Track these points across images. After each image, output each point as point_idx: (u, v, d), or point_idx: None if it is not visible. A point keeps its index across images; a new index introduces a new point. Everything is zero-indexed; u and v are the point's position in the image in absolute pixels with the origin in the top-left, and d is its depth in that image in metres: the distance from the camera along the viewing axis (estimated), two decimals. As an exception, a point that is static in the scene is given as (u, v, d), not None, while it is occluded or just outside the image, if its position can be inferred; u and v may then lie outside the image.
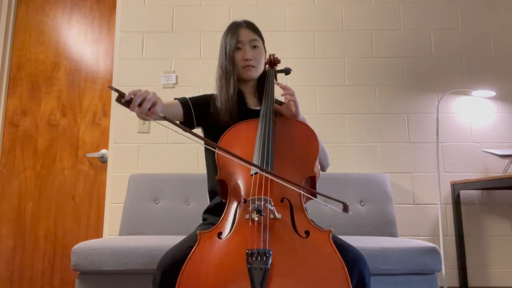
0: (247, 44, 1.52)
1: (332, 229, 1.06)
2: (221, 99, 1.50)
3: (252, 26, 1.58)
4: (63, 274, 2.60)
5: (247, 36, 1.53)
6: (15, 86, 2.81)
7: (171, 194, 2.35)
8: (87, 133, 2.75)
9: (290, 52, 2.73)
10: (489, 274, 2.47)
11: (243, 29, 1.54)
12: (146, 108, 1.09)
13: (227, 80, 1.50)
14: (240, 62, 1.52)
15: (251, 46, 1.53)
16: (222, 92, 1.51)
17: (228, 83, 1.50)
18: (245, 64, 1.51)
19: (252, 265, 0.95)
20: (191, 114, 1.51)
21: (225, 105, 1.48)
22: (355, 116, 2.66)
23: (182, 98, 1.53)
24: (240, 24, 1.56)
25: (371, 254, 1.66)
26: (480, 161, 2.60)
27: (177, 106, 1.48)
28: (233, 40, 1.51)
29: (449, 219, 2.54)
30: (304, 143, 1.34)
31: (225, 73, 1.51)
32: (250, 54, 1.51)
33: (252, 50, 1.53)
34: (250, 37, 1.53)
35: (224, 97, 1.49)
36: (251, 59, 1.51)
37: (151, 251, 1.66)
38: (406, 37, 2.76)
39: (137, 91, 1.09)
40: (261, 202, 1.08)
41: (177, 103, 1.49)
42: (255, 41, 1.54)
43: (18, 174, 2.71)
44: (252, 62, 1.52)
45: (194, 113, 1.51)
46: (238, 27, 1.55)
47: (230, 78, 1.50)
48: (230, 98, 1.48)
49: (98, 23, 2.90)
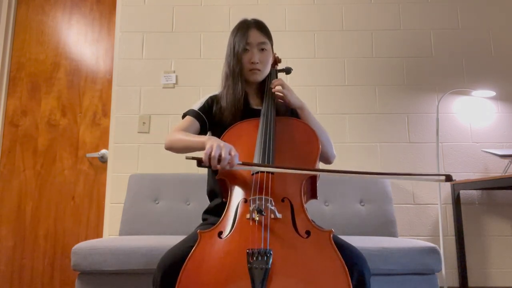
0: (255, 47, 1.50)
1: (333, 229, 1.06)
2: (227, 100, 1.49)
3: (262, 27, 1.54)
4: (63, 274, 2.60)
5: (256, 39, 1.50)
6: (15, 86, 2.81)
7: (171, 194, 2.35)
8: (87, 133, 2.75)
9: (290, 52, 2.73)
10: (489, 274, 2.47)
11: (252, 30, 1.51)
12: (224, 166, 1.14)
13: (235, 82, 1.49)
14: (247, 64, 1.50)
15: (259, 49, 1.50)
16: (229, 93, 1.49)
17: (235, 85, 1.49)
18: (251, 67, 1.50)
19: (253, 265, 0.95)
20: (206, 123, 1.53)
21: (231, 106, 1.47)
22: (355, 116, 2.66)
23: (193, 112, 1.52)
24: (250, 25, 1.53)
25: (371, 254, 1.66)
26: (480, 161, 2.60)
27: (194, 123, 1.49)
28: (242, 41, 1.49)
29: (449, 219, 2.54)
30: (305, 143, 1.34)
31: (233, 74, 1.50)
32: (257, 58, 1.49)
33: (259, 53, 1.50)
34: (259, 40, 1.50)
35: (231, 98, 1.48)
36: (258, 63, 1.49)
37: (151, 251, 1.66)
38: (406, 37, 2.76)
39: (209, 150, 1.15)
40: (261, 202, 1.09)
41: (193, 121, 1.50)
42: (263, 44, 1.51)
43: (18, 174, 2.71)
44: (259, 66, 1.50)
45: (207, 122, 1.53)
46: (248, 28, 1.51)
47: (238, 80, 1.49)
48: (237, 100, 1.47)
49: (98, 23, 2.90)
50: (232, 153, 1.16)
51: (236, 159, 1.15)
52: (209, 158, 1.14)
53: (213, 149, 1.14)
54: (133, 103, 2.67)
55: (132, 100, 2.68)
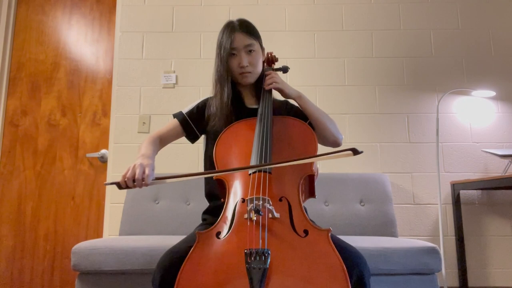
0: (242, 50, 1.47)
1: (331, 228, 1.06)
2: (216, 105, 1.49)
3: (247, 27, 1.51)
4: (63, 274, 2.60)
5: (242, 42, 1.47)
6: (15, 86, 2.81)
7: (171, 194, 2.35)
8: (87, 133, 2.75)
9: (290, 52, 2.73)
10: (489, 274, 2.47)
11: (237, 33, 1.47)
12: (139, 185, 1.20)
13: (222, 87, 1.48)
14: (236, 68, 1.49)
15: (247, 51, 1.48)
16: (217, 98, 1.49)
17: (222, 90, 1.48)
18: (241, 71, 1.48)
19: (251, 264, 0.95)
20: (192, 127, 1.55)
21: (220, 111, 1.47)
22: (355, 116, 2.66)
23: (179, 115, 1.57)
24: (234, 27, 1.49)
25: (371, 254, 1.66)
26: (480, 161, 2.60)
27: (176, 127, 1.55)
28: (227, 45, 1.46)
29: (449, 219, 2.53)
30: (303, 142, 1.34)
31: (220, 79, 1.49)
32: (245, 61, 1.47)
33: (247, 55, 1.48)
34: (245, 42, 1.47)
35: (219, 104, 1.48)
36: (247, 66, 1.48)
37: (151, 251, 1.66)
38: (406, 37, 2.76)
39: (125, 172, 1.20)
40: (259, 202, 1.08)
41: (175, 124, 1.55)
42: (250, 46, 1.48)
43: (18, 174, 2.71)
44: (248, 69, 1.48)
45: (194, 126, 1.56)
46: (233, 31, 1.48)
47: (225, 86, 1.48)
48: (224, 105, 1.46)
49: (98, 23, 2.90)
50: (146, 171, 1.20)
51: (148, 178, 1.20)
52: (125, 181, 1.19)
53: (128, 172, 1.19)
54: (133, 103, 2.68)
55: (132, 100, 2.68)
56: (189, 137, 1.59)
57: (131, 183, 1.19)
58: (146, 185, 1.20)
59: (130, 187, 1.20)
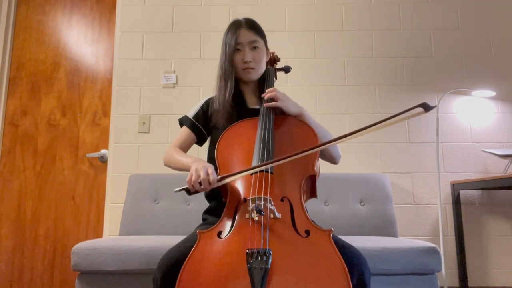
0: (246, 46, 1.49)
1: (332, 229, 1.06)
2: (219, 101, 1.50)
3: (253, 25, 1.54)
4: (63, 274, 2.60)
5: (247, 37, 1.50)
6: (15, 86, 2.81)
7: (171, 194, 2.34)
8: (87, 133, 2.75)
9: (290, 52, 2.73)
10: (489, 274, 2.47)
11: (243, 29, 1.50)
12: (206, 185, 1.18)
13: (226, 82, 1.49)
14: (240, 64, 1.50)
15: (251, 47, 1.50)
16: (220, 94, 1.50)
17: (226, 85, 1.49)
18: (244, 66, 1.49)
19: (252, 264, 0.94)
20: (201, 130, 1.55)
21: (222, 107, 1.48)
22: (355, 116, 2.66)
23: (188, 122, 1.56)
24: (240, 24, 1.52)
25: (371, 254, 1.65)
26: (480, 161, 2.60)
27: (190, 136, 1.55)
28: (232, 41, 1.49)
29: (449, 219, 2.53)
30: (304, 142, 1.33)
31: (224, 75, 1.50)
32: (249, 56, 1.48)
33: (252, 51, 1.50)
34: (250, 38, 1.50)
35: (222, 99, 1.49)
36: (251, 61, 1.49)
37: (151, 251, 1.66)
38: (406, 37, 2.76)
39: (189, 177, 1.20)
40: (261, 202, 1.08)
41: (189, 133, 1.55)
42: (255, 42, 1.50)
43: (18, 174, 2.71)
44: (252, 64, 1.49)
45: (202, 128, 1.56)
46: (238, 27, 1.51)
47: (228, 80, 1.49)
48: (226, 101, 1.48)
49: (98, 23, 2.90)
50: (209, 171, 1.18)
51: (213, 176, 1.18)
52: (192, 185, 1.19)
53: (192, 176, 1.19)
54: (133, 103, 2.67)
55: (132, 100, 2.68)
56: (199, 141, 1.58)
57: (198, 186, 1.19)
58: (212, 184, 1.18)
59: (198, 190, 1.20)
